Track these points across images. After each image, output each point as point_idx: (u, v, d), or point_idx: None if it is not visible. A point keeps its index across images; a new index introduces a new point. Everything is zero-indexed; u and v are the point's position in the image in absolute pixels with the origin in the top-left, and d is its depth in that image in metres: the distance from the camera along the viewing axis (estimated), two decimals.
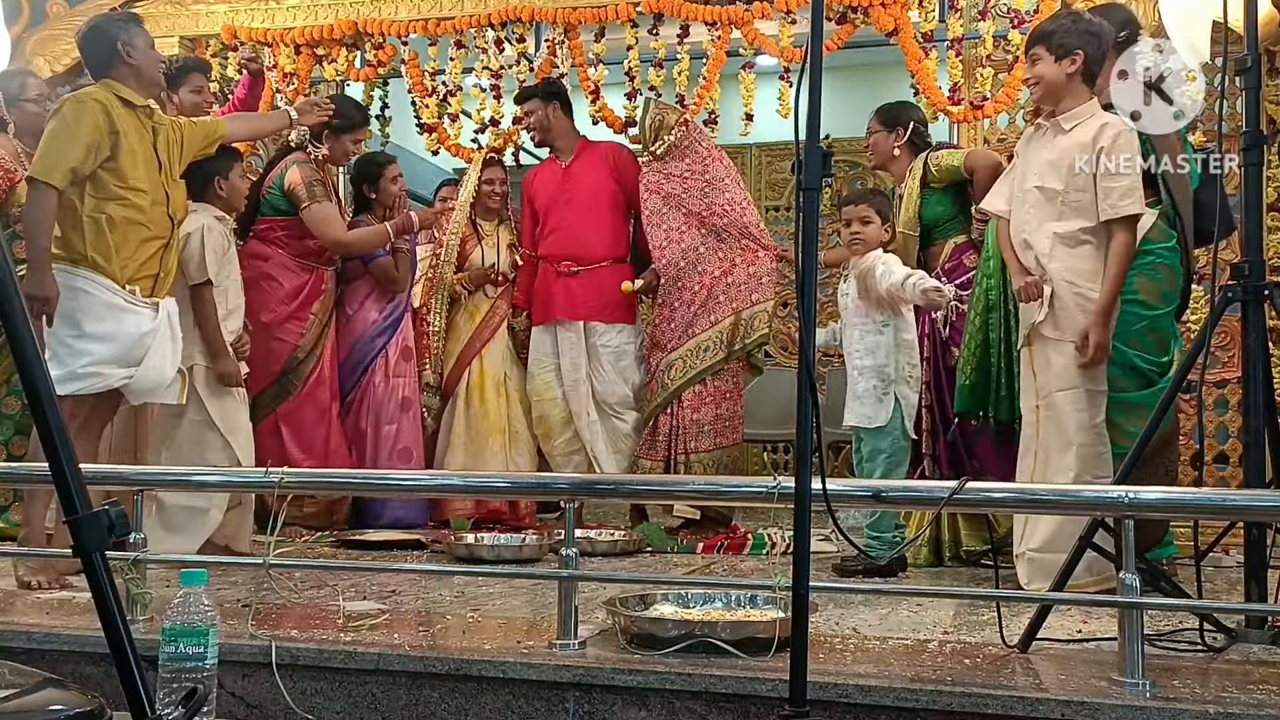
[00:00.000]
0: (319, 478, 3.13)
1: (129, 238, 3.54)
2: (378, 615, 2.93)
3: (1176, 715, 2.13)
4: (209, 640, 1.73)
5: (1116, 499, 2.35)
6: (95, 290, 3.47)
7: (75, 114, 3.44)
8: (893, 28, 4.81)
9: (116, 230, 3.51)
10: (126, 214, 3.53)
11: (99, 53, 3.57)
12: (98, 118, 3.45)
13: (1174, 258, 3.48)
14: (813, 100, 1.95)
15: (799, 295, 1.92)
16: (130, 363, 3.51)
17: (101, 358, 3.46)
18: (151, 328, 3.54)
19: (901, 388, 3.85)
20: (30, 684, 1.35)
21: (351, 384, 4.90)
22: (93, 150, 3.44)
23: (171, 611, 1.75)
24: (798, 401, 1.91)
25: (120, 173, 3.52)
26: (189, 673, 1.69)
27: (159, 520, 3.73)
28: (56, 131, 3.42)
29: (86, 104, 3.45)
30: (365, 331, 4.93)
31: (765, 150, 7.33)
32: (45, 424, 1.47)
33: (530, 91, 4.99)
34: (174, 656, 1.70)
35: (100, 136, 3.45)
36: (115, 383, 3.51)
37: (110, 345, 3.48)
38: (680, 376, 4.70)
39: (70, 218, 3.47)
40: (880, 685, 2.30)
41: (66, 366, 3.41)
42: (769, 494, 2.47)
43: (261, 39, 5.37)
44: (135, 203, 3.55)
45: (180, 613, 1.73)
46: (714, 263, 4.75)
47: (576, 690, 2.45)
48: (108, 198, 3.50)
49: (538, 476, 3.36)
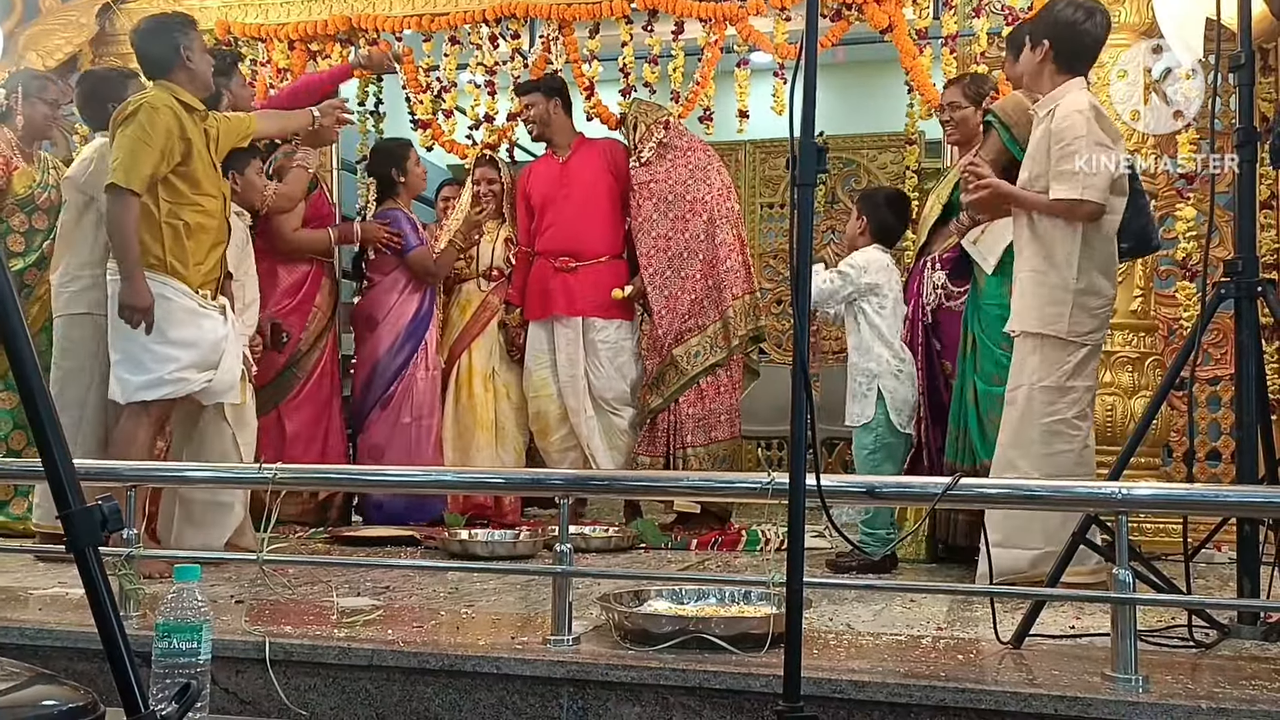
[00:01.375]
0: (312, 474, 3.12)
1: (202, 243, 3.59)
2: (371, 611, 2.93)
3: (1170, 711, 2.14)
4: (202, 636, 1.73)
5: (1110, 495, 2.35)
6: (176, 296, 3.52)
7: (150, 120, 3.45)
8: (887, 25, 4.81)
9: (193, 236, 3.56)
10: (200, 220, 3.58)
11: (159, 54, 3.59)
12: (171, 123, 3.47)
13: None
14: (807, 96, 1.95)
15: (793, 291, 1.92)
16: (209, 366, 3.57)
17: (185, 363, 3.51)
18: (226, 332, 3.62)
19: (886, 381, 3.87)
20: (22, 679, 1.35)
21: (392, 377, 4.88)
22: (167, 155, 3.47)
23: (165, 607, 1.75)
24: (792, 397, 1.91)
25: (193, 178, 3.56)
26: (182, 668, 1.69)
27: (184, 515, 3.69)
28: (134, 137, 3.43)
29: (160, 110, 3.46)
30: (405, 324, 4.93)
31: (759, 147, 7.32)
32: (39, 418, 1.46)
33: (532, 85, 4.98)
34: (167, 652, 1.70)
35: (174, 142, 3.48)
36: (197, 387, 3.56)
37: (193, 351, 3.54)
38: (676, 380, 4.70)
39: (147, 224, 3.50)
40: (874, 681, 2.31)
41: (153, 373, 3.48)
42: (763, 490, 2.47)
43: (255, 34, 5.36)
44: (207, 209, 3.61)
45: (173, 608, 1.73)
46: (702, 258, 4.75)
47: (571, 686, 2.45)
48: (182, 203, 3.55)
49: (533, 472, 3.37)
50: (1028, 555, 3.15)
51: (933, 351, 4.02)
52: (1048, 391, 3.18)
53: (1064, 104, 3.21)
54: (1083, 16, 3.25)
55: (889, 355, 3.91)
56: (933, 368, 4.02)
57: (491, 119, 5.31)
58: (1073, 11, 3.26)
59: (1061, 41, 3.24)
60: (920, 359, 4.01)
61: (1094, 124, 3.14)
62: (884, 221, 4.13)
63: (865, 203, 4.22)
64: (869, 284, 3.94)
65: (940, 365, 4.00)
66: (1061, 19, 3.26)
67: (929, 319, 4.00)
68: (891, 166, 7.01)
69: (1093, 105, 3.19)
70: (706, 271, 4.74)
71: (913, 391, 3.93)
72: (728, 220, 4.79)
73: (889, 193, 4.59)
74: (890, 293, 3.98)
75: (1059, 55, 3.25)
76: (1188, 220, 4.37)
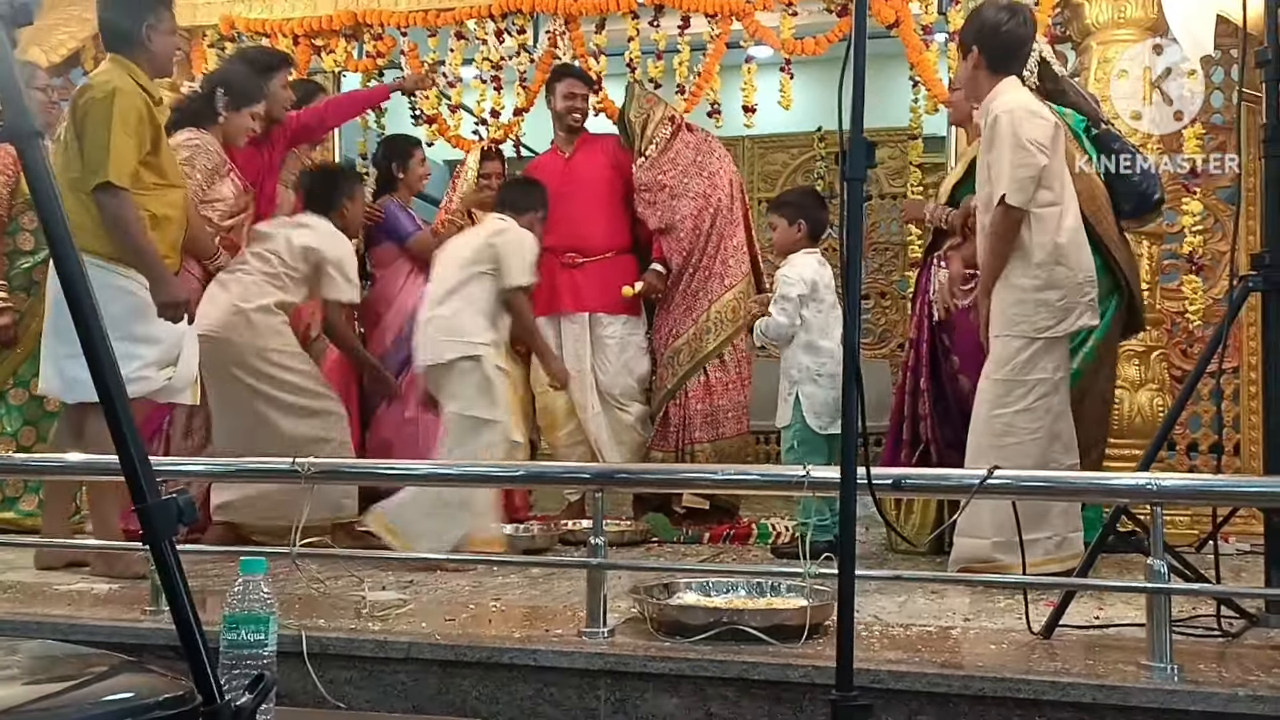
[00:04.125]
0: (344, 468, 3.12)
1: (166, 234, 3.42)
2: (401, 605, 2.93)
3: (1206, 699, 2.18)
4: (269, 627, 1.74)
5: (1143, 486, 2.38)
6: (139, 290, 3.32)
7: (124, 106, 3.24)
8: (894, 20, 4.83)
9: (158, 227, 3.38)
10: (164, 210, 3.41)
11: (122, 26, 3.38)
12: (141, 108, 3.29)
13: None
14: (856, 90, 1.96)
15: (844, 285, 1.94)
16: (170, 363, 3.42)
17: (148, 360, 3.34)
18: (184, 327, 3.45)
19: (805, 387, 3.98)
20: (108, 668, 1.35)
21: (398, 371, 4.73)
22: (142, 144, 3.30)
23: (232, 599, 1.75)
24: (843, 390, 1.93)
25: (159, 168, 3.39)
26: (250, 659, 1.69)
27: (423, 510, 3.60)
28: (113, 127, 3.21)
29: (130, 94, 3.27)
30: (412, 314, 4.87)
31: (759, 142, 7.35)
32: (114, 413, 1.47)
33: (585, 74, 4.99)
34: (235, 643, 1.70)
35: (145, 128, 3.31)
36: (158, 385, 3.39)
37: (155, 348, 3.37)
38: (688, 361, 4.73)
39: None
40: (912, 671, 2.33)
41: None
42: (799, 482, 2.49)
43: (260, 30, 5.33)
44: (170, 199, 3.44)
45: (241, 600, 1.73)
46: (713, 243, 4.79)
47: (608, 677, 2.47)
48: (148, 193, 3.36)
49: (563, 466, 3.39)
50: (985, 544, 3.22)
51: (939, 348, 4.04)
52: (997, 385, 3.25)
53: (992, 108, 3.28)
54: (1006, 17, 3.32)
55: (809, 361, 4.00)
56: (937, 364, 4.04)
57: (497, 114, 5.31)
58: (995, 13, 3.34)
59: (989, 45, 3.32)
60: (925, 355, 4.03)
61: (1020, 126, 3.17)
62: (815, 219, 4.19)
63: (790, 207, 4.24)
64: (808, 295, 4.02)
65: (949, 361, 4.02)
66: (986, 23, 3.34)
67: (935, 316, 4.01)
68: (890, 161, 7.04)
69: (1019, 103, 3.23)
70: (714, 254, 4.78)
71: (833, 392, 3.97)
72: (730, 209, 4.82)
73: (805, 190, 4.78)
74: (826, 295, 4.06)
75: (989, 59, 3.33)
76: (1194, 214, 4.42)
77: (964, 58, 3.41)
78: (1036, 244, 3.22)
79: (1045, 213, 3.22)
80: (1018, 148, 3.15)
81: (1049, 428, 3.22)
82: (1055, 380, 3.24)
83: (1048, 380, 3.22)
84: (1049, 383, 3.23)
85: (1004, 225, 3.20)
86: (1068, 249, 3.24)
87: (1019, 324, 3.23)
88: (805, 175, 7.53)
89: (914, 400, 4.07)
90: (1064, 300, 3.22)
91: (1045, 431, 3.21)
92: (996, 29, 3.31)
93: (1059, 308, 3.22)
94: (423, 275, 4.89)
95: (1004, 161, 3.17)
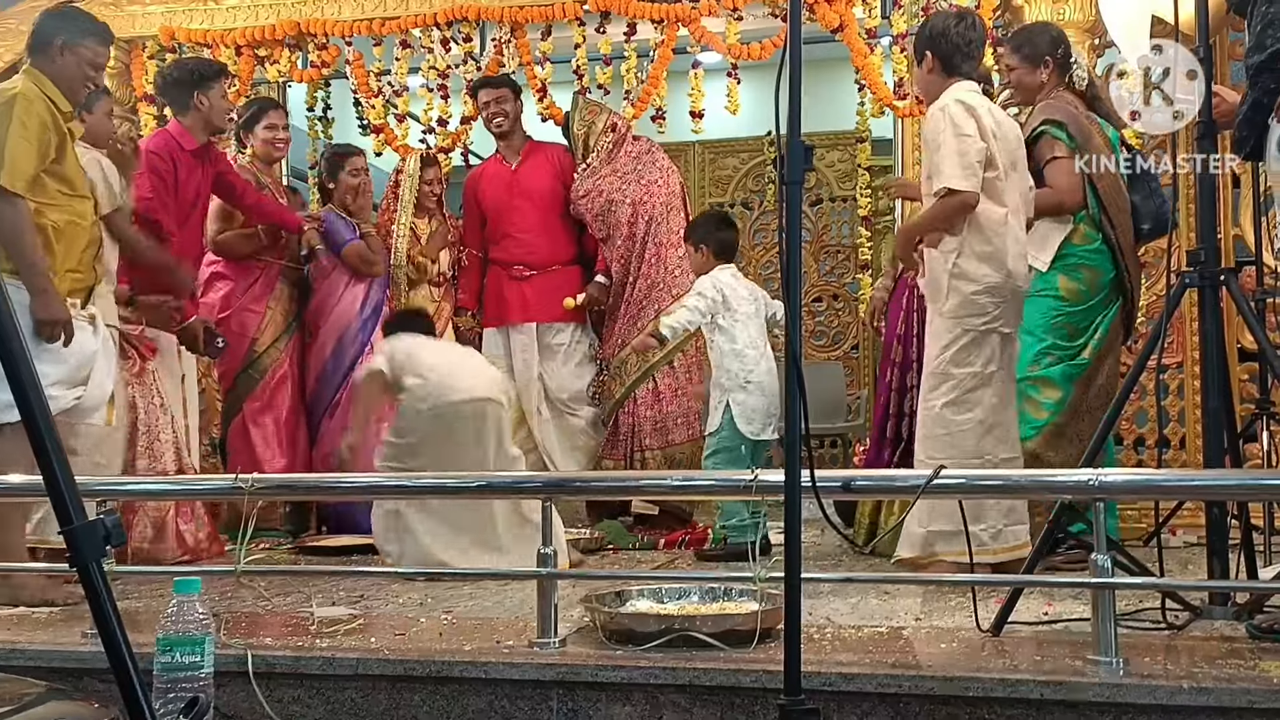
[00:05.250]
0: (288, 483, 3.07)
1: (72, 247, 3.33)
2: (350, 620, 2.89)
3: (1152, 691, 2.19)
4: (205, 649, 1.71)
5: (1085, 482, 2.40)
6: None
7: (26, 111, 3.19)
8: (838, 24, 4.87)
9: (62, 239, 3.29)
10: (69, 220, 3.31)
11: (40, 38, 3.33)
12: (45, 116, 3.23)
13: (1098, 259, 3.67)
14: (792, 94, 1.97)
15: (784, 288, 1.94)
16: (78, 382, 3.29)
17: (53, 379, 3.16)
18: (96, 345, 3.34)
19: (735, 395, 4.06)
20: (34, 695, 1.32)
21: (339, 383, 4.76)
22: (43, 152, 3.23)
23: (166, 621, 1.72)
24: (786, 394, 1.93)
25: (64, 177, 3.31)
26: (185, 682, 1.66)
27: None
28: (11, 131, 3.16)
29: (34, 101, 3.22)
30: (349, 324, 4.84)
31: (709, 147, 7.37)
32: (39, 433, 1.44)
33: (504, 80, 4.96)
34: (170, 666, 1.67)
35: (49, 136, 3.24)
36: (66, 405, 3.26)
37: (61, 366, 3.22)
38: (636, 370, 4.73)
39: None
40: (863, 673, 2.33)
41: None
42: (747, 486, 2.49)
43: (201, 40, 5.28)
44: (77, 210, 3.34)
45: (175, 622, 1.70)
46: (651, 251, 4.80)
47: (560, 688, 2.45)
48: (51, 204, 3.28)
49: (513, 476, 3.34)
50: (921, 533, 3.27)
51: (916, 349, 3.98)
52: (932, 377, 3.33)
53: (934, 105, 3.38)
54: (954, 22, 3.45)
55: (737, 367, 4.09)
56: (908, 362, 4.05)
57: (445, 123, 5.28)
58: (943, 20, 3.49)
59: (940, 50, 3.42)
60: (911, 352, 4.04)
61: (956, 116, 3.26)
62: (723, 240, 4.30)
63: (695, 231, 4.37)
64: (721, 300, 4.12)
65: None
66: (935, 29, 3.46)
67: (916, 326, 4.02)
68: (840, 165, 7.09)
69: (958, 100, 3.31)
70: (656, 263, 4.79)
71: (763, 399, 4.07)
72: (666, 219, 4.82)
73: (707, 215, 4.91)
74: (739, 305, 4.15)
75: (942, 63, 3.42)
76: None
77: (919, 64, 3.50)
78: (975, 235, 3.27)
79: (986, 211, 3.27)
80: (958, 135, 3.24)
81: (980, 420, 3.26)
82: (985, 374, 3.28)
83: (977, 374, 3.27)
84: (979, 376, 3.27)
85: (948, 210, 3.26)
86: (998, 253, 3.28)
87: (935, 299, 3.33)
88: (756, 179, 7.56)
89: (899, 398, 4.11)
90: (981, 296, 3.27)
91: (975, 424, 3.25)
92: (946, 33, 3.41)
93: (977, 302, 3.28)
94: (360, 285, 4.86)
95: (946, 149, 3.24)
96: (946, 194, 3.24)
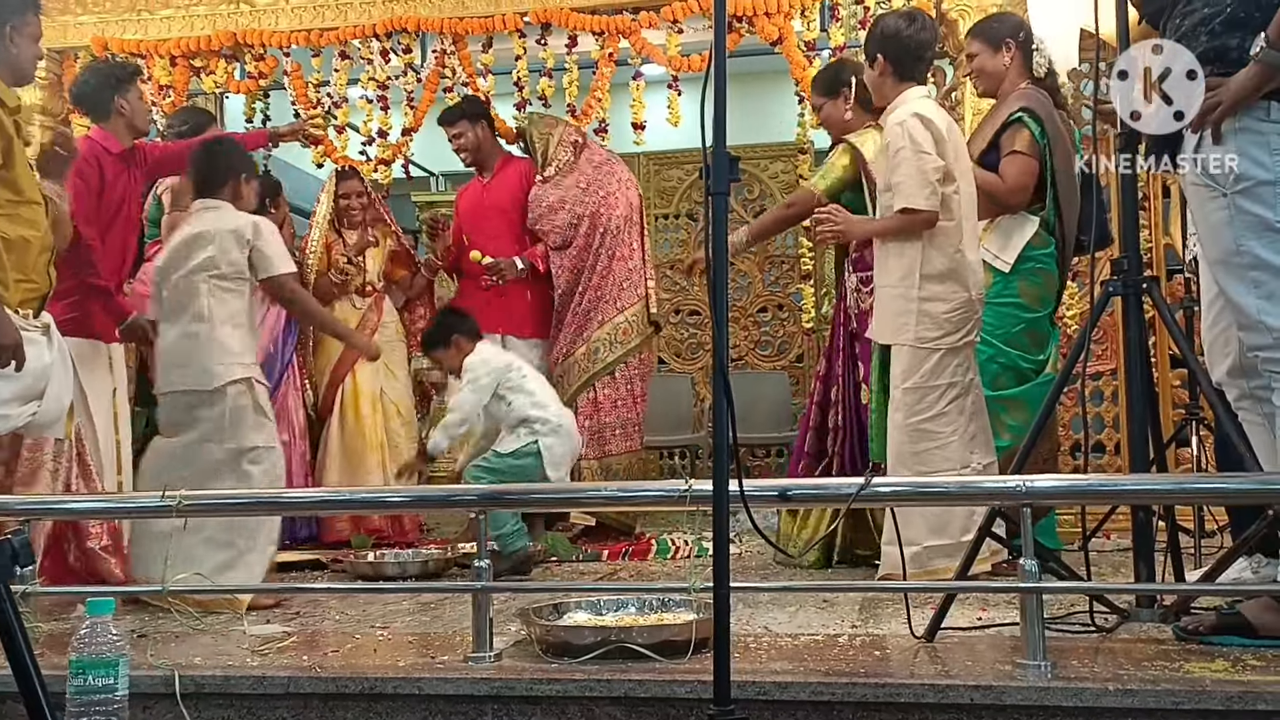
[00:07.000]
0: (220, 500, 3.02)
1: (24, 256, 3.13)
2: (284, 638, 2.86)
3: (1079, 694, 2.22)
4: (119, 671, 1.67)
5: (1013, 489, 2.43)
6: None
7: None
8: (777, 37, 4.91)
9: (12, 249, 3.09)
10: (20, 230, 3.11)
11: None
12: None
13: (1052, 262, 3.68)
14: (718, 105, 1.98)
15: (711, 299, 1.94)
16: (33, 396, 3.13)
17: (5, 396, 3.03)
18: (51, 357, 3.18)
19: (547, 439, 4.12)
20: None
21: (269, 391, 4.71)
22: None
23: (78, 643, 1.68)
24: (714, 404, 1.93)
25: (13, 183, 3.10)
26: (99, 705, 1.63)
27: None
28: None
29: None
30: (272, 344, 4.79)
31: (653, 159, 7.37)
32: None
33: (456, 113, 4.93)
34: (82, 689, 1.63)
35: None
36: (20, 422, 3.12)
37: (13, 382, 3.04)
38: (577, 380, 4.74)
39: None
40: (796, 681, 2.34)
41: None
42: (681, 497, 2.49)
43: (135, 50, 5.21)
44: (27, 217, 3.15)
45: (88, 644, 1.67)
46: (603, 264, 4.81)
47: (494, 703, 2.43)
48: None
49: (446, 489, 3.33)
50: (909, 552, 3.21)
51: (854, 359, 4.01)
52: (909, 394, 3.28)
53: (891, 116, 3.36)
54: (905, 24, 3.42)
55: (544, 415, 4.15)
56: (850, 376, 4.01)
57: (385, 134, 5.26)
58: (896, 21, 3.45)
59: (892, 53, 3.40)
60: (841, 367, 4.04)
61: (915, 133, 3.24)
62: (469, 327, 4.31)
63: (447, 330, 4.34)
64: (497, 371, 4.17)
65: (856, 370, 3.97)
66: (888, 31, 3.43)
67: (853, 325, 3.99)
68: (783, 176, 7.12)
69: (915, 114, 3.29)
70: (605, 275, 4.82)
71: (569, 443, 4.20)
72: (623, 230, 4.84)
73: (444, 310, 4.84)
74: (516, 364, 4.26)
75: (894, 66, 3.41)
76: None
77: (870, 66, 3.47)
78: (934, 256, 3.27)
79: (941, 228, 3.28)
80: (917, 153, 3.22)
81: (965, 429, 3.27)
82: (965, 383, 3.29)
83: (959, 384, 3.27)
84: (960, 385, 3.27)
85: (908, 226, 3.25)
86: (955, 269, 3.29)
87: (902, 334, 3.28)
88: (700, 190, 7.57)
89: (822, 413, 4.08)
90: (952, 314, 3.26)
91: (962, 433, 3.25)
92: (899, 36, 3.39)
93: (950, 320, 3.26)
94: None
95: (907, 168, 3.22)
96: (911, 214, 3.23)
